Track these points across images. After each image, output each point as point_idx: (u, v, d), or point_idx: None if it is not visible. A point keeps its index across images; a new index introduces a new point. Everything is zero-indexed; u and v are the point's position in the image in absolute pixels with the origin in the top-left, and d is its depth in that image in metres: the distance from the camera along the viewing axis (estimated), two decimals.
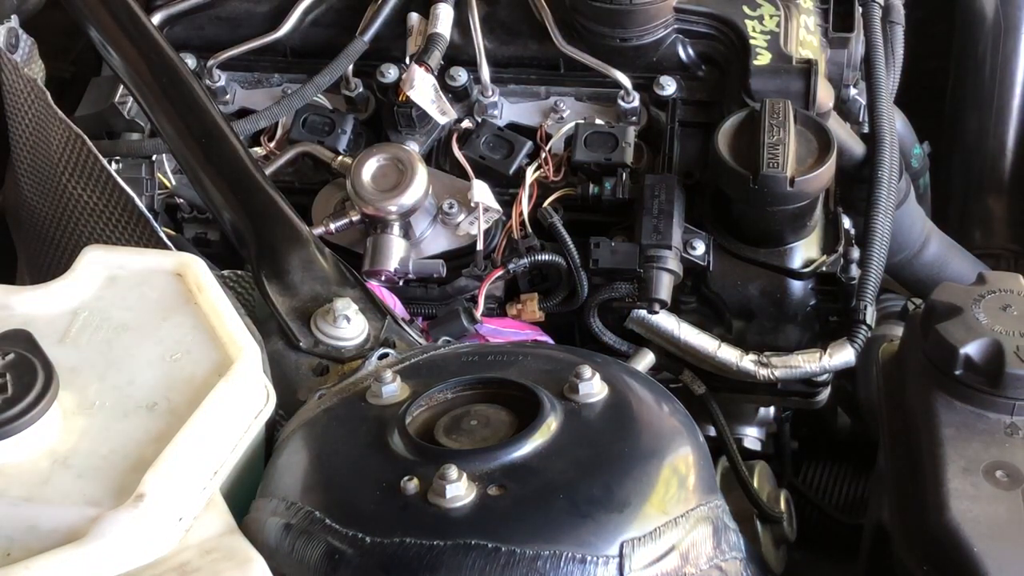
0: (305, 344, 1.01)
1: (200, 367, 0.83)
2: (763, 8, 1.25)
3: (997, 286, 0.91)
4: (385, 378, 0.87)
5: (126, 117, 1.29)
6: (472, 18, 1.28)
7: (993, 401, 0.85)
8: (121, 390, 0.82)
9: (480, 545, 0.74)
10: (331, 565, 0.76)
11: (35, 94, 1.06)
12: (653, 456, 0.81)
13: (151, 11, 1.29)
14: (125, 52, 1.10)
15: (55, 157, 1.03)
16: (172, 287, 0.90)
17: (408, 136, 1.25)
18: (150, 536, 0.75)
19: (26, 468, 0.76)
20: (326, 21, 1.31)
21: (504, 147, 1.23)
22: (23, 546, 0.74)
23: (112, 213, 1.01)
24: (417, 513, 0.76)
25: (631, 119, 1.24)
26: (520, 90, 1.29)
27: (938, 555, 0.79)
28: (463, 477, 0.76)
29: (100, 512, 0.73)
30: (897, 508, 0.85)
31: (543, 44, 1.28)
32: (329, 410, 0.88)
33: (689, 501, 0.80)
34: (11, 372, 0.76)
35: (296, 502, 0.80)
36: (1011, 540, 0.78)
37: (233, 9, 1.33)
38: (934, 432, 0.85)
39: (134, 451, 0.77)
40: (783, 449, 1.28)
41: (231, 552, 0.76)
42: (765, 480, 1.03)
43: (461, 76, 1.26)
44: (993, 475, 0.82)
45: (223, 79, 1.29)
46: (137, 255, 0.93)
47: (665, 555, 0.76)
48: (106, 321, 0.87)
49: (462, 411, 0.84)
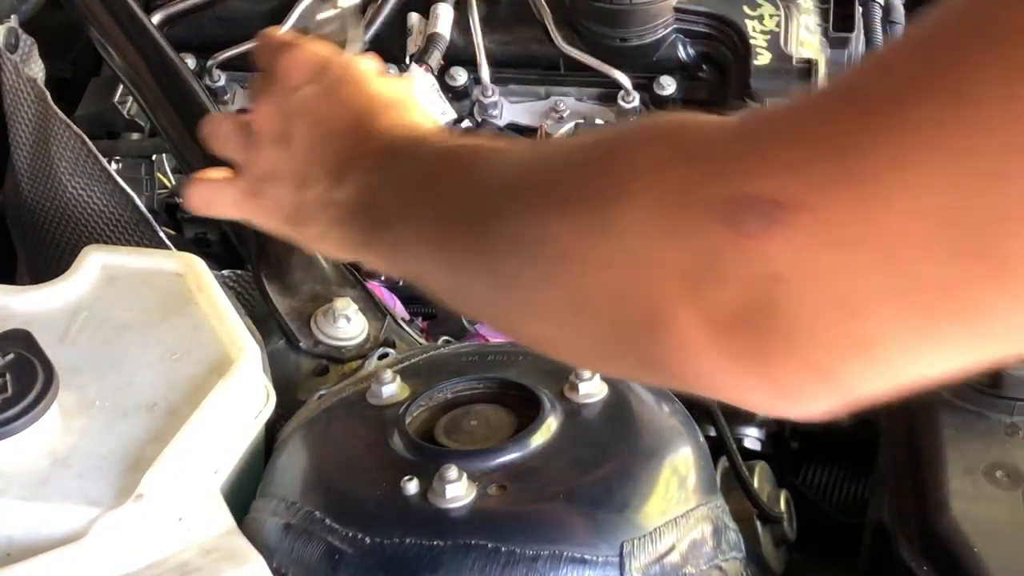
0: (305, 344, 1.01)
1: (200, 367, 0.83)
2: (763, 8, 1.25)
3: None
4: (385, 378, 0.87)
5: (126, 117, 1.29)
6: (472, 18, 1.28)
7: (993, 401, 0.85)
8: (121, 390, 0.82)
9: (480, 545, 0.74)
10: (331, 565, 0.76)
11: (35, 94, 1.06)
12: (653, 456, 0.81)
13: (151, 11, 1.29)
14: (125, 52, 1.10)
15: (55, 157, 1.03)
16: (172, 287, 0.90)
17: None
18: (150, 536, 0.75)
19: (26, 468, 0.76)
20: None
21: None
22: (23, 546, 0.73)
23: (112, 213, 1.01)
24: (417, 513, 0.76)
25: (631, 119, 1.24)
26: (520, 90, 1.29)
27: (938, 555, 0.79)
28: (463, 477, 0.76)
29: (100, 512, 0.73)
30: (897, 508, 0.85)
31: (543, 44, 1.28)
32: (329, 410, 0.88)
33: (689, 501, 0.80)
34: (11, 372, 0.76)
35: (296, 502, 0.80)
36: (1011, 540, 0.78)
37: (233, 9, 1.33)
38: (934, 432, 0.85)
39: (134, 451, 0.77)
40: (783, 449, 1.28)
41: (231, 552, 0.76)
42: (765, 480, 1.03)
43: (461, 76, 1.26)
44: (993, 475, 0.82)
45: (223, 79, 1.29)
46: (137, 255, 0.93)
47: (665, 555, 0.76)
48: (106, 321, 0.87)
49: (462, 411, 0.84)
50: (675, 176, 0.51)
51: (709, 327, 0.50)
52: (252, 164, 0.83)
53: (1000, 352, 0.47)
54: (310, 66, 0.83)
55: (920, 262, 0.44)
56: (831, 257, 0.46)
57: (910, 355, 0.48)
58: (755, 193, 0.47)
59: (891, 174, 0.43)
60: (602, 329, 0.56)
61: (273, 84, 0.83)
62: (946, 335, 0.46)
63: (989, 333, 0.46)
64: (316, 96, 0.81)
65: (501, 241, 0.61)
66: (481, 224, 0.63)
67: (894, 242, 0.44)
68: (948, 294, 0.44)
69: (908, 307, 0.46)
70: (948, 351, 0.48)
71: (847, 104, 0.46)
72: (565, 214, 0.57)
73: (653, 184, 0.52)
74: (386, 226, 0.72)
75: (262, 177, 0.82)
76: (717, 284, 0.49)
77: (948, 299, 0.45)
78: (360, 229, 0.74)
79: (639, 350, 0.55)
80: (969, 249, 0.43)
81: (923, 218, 0.43)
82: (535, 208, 0.59)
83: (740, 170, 0.48)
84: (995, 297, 0.44)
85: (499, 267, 0.63)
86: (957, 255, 0.43)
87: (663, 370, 0.55)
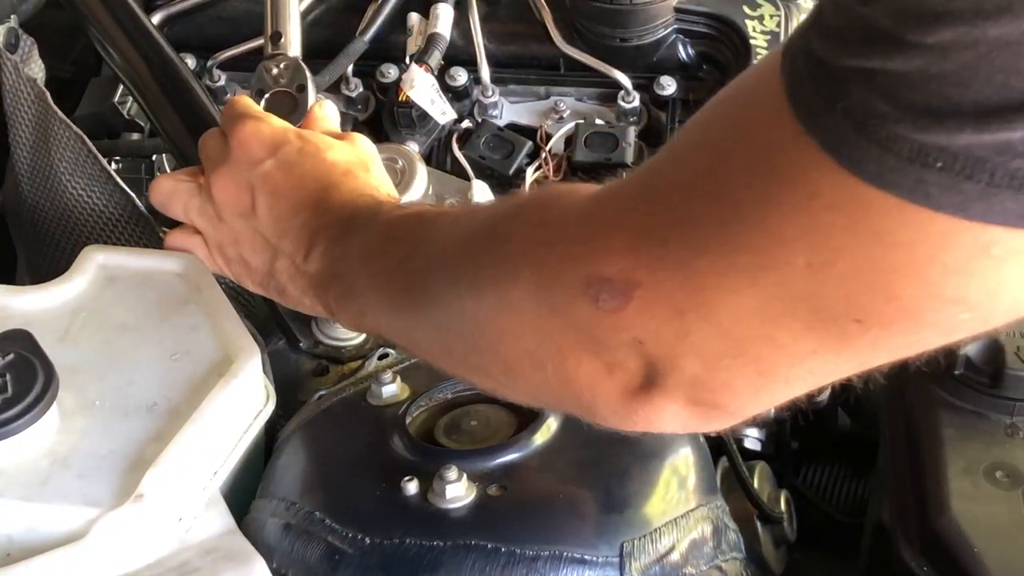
0: (305, 344, 1.01)
1: (200, 367, 0.83)
2: (763, 8, 1.25)
3: None
4: (385, 378, 0.87)
5: (126, 117, 1.29)
6: (472, 18, 1.28)
7: (993, 402, 0.85)
8: (121, 390, 0.82)
9: (480, 545, 0.74)
10: (331, 565, 0.76)
11: (35, 94, 1.06)
12: (653, 456, 0.81)
13: (151, 11, 1.29)
14: (125, 52, 1.10)
15: (55, 157, 1.03)
16: (172, 287, 0.90)
17: (408, 136, 1.25)
18: (150, 536, 0.75)
19: (26, 468, 0.76)
20: (326, 21, 1.31)
21: (504, 147, 1.23)
22: (23, 546, 0.73)
23: (112, 213, 1.01)
24: (417, 513, 0.76)
25: (631, 119, 1.24)
26: (520, 90, 1.29)
27: (938, 555, 0.79)
28: (463, 477, 0.76)
29: (100, 512, 0.73)
30: (897, 508, 0.85)
31: (543, 44, 1.28)
32: (329, 411, 0.88)
33: (689, 501, 0.80)
34: (11, 372, 0.76)
35: (296, 502, 0.80)
36: (1011, 540, 0.78)
37: (233, 9, 1.33)
38: (934, 432, 0.85)
39: (134, 451, 0.77)
40: (783, 449, 1.28)
41: (231, 552, 0.76)
42: (765, 480, 1.03)
43: (461, 76, 1.26)
44: (993, 475, 0.82)
45: (223, 79, 1.29)
46: (137, 255, 0.93)
47: (665, 555, 0.76)
48: (106, 321, 0.87)
49: (462, 411, 0.84)
50: (543, 259, 0.60)
51: (614, 384, 0.59)
52: (216, 233, 0.89)
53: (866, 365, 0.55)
54: (268, 140, 0.88)
55: (734, 323, 0.53)
56: (671, 325, 0.55)
57: (767, 393, 0.57)
58: (606, 275, 0.56)
59: (701, 257, 0.53)
60: (539, 386, 0.64)
61: (231, 156, 0.87)
62: (784, 377, 0.56)
63: (820, 369, 0.55)
64: (276, 170, 0.86)
65: (436, 313, 0.70)
66: (422, 296, 0.71)
67: (711, 310, 0.54)
68: (775, 348, 0.54)
69: (746, 362, 0.55)
70: (802, 380, 0.56)
71: (662, 198, 0.56)
72: (474, 292, 0.65)
73: (528, 267, 0.61)
74: (350, 296, 0.79)
75: (228, 244, 0.89)
76: (602, 350, 0.58)
77: (776, 352, 0.54)
78: (332, 297, 0.81)
79: (575, 403, 0.64)
80: (776, 312, 0.52)
81: (731, 289, 0.53)
82: (455, 287, 0.67)
83: (591, 255, 0.57)
84: (810, 344, 0.53)
85: (441, 336, 0.71)
86: (769, 317, 0.53)
87: (601, 419, 0.64)
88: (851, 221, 0.48)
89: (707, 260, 0.53)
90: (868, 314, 0.51)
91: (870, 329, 0.51)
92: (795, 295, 0.51)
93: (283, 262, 0.84)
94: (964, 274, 0.48)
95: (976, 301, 0.49)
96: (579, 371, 0.60)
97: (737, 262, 0.52)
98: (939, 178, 0.45)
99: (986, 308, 0.50)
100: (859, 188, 0.47)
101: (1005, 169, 0.44)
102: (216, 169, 0.88)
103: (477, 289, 0.65)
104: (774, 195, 0.50)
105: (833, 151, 0.47)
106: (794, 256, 0.50)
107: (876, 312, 0.51)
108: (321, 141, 0.89)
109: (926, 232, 0.47)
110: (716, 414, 0.59)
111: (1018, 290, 0.49)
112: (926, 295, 0.49)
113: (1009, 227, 0.46)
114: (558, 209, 0.62)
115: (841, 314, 0.51)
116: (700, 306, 0.54)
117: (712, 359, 0.56)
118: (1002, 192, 0.44)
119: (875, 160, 0.46)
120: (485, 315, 0.65)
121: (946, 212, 0.46)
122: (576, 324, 0.59)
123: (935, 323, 0.51)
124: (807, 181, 0.49)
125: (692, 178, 0.55)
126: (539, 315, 0.61)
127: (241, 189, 0.87)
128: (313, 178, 0.85)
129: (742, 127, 0.53)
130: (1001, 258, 0.47)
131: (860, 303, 0.51)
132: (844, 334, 0.52)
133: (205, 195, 0.89)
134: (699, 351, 0.55)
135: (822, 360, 0.54)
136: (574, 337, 0.59)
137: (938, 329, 0.51)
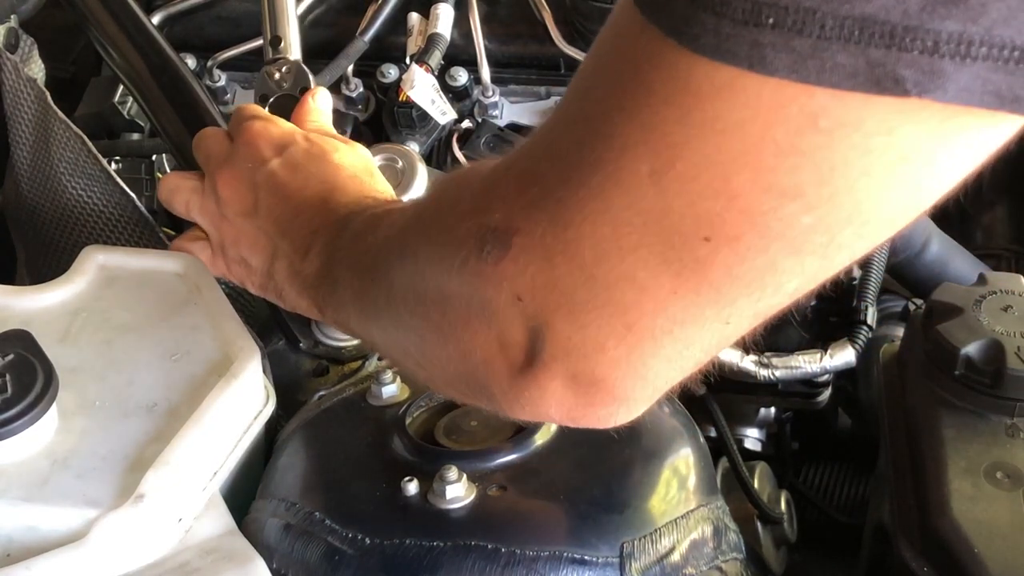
0: (305, 344, 1.01)
1: (200, 367, 0.83)
2: None
3: (998, 287, 0.91)
4: (385, 379, 0.87)
5: (126, 117, 1.29)
6: (472, 18, 1.28)
7: (994, 402, 0.85)
8: (121, 390, 0.81)
9: (480, 546, 0.74)
10: (331, 565, 0.76)
11: (35, 94, 1.06)
12: (653, 457, 0.81)
13: (151, 11, 1.29)
14: (125, 52, 1.10)
15: (55, 157, 1.03)
16: (172, 287, 0.90)
17: (408, 136, 1.25)
18: (150, 536, 0.75)
19: (26, 468, 0.76)
20: (326, 21, 1.31)
21: (504, 147, 1.23)
22: (23, 546, 0.73)
23: (112, 213, 1.01)
24: (417, 514, 0.76)
25: None
26: (520, 90, 1.29)
27: (938, 555, 0.79)
28: (463, 478, 0.76)
29: (100, 512, 0.73)
30: (897, 508, 0.85)
31: (543, 44, 1.28)
32: (329, 411, 0.88)
33: (689, 502, 0.80)
34: (11, 372, 0.76)
35: (296, 503, 0.80)
36: (1011, 540, 0.78)
37: (233, 9, 1.33)
38: (935, 432, 0.85)
39: (134, 451, 0.77)
40: (784, 450, 1.28)
41: (231, 552, 0.76)
42: (766, 481, 1.03)
43: (461, 76, 1.26)
44: (994, 476, 0.82)
45: (223, 79, 1.29)
46: (137, 255, 0.93)
47: (665, 556, 0.76)
48: (106, 321, 0.87)
49: (462, 411, 0.84)
50: (445, 218, 0.61)
51: (504, 361, 0.59)
52: (217, 232, 0.89)
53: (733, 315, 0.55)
54: (276, 139, 0.88)
55: (596, 263, 0.53)
56: (543, 275, 0.55)
57: (640, 359, 0.56)
58: (491, 224, 0.57)
59: (564, 187, 0.53)
60: (445, 365, 0.65)
61: (237, 155, 0.87)
62: (651, 331, 0.55)
63: (685, 317, 0.54)
64: (282, 170, 0.86)
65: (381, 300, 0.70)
66: (371, 285, 0.71)
67: (577, 249, 0.54)
68: (637, 290, 0.53)
69: (613, 312, 0.54)
70: (672, 337, 0.55)
71: (542, 139, 0.57)
72: (400, 264, 0.67)
73: (434, 228, 0.62)
74: (333, 293, 0.79)
75: (229, 244, 0.89)
76: (492, 316, 0.58)
77: (639, 295, 0.54)
78: (321, 296, 0.81)
79: (474, 384, 0.63)
80: (631, 243, 0.52)
81: (590, 221, 0.53)
82: (396, 264, 0.68)
83: (480, 206, 0.58)
84: (667, 280, 0.53)
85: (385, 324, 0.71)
86: (625, 249, 0.52)
87: (496, 403, 0.63)
88: (683, 111, 0.48)
89: (569, 190, 0.53)
90: (714, 227, 0.50)
91: (720, 249, 0.51)
92: (645, 216, 0.51)
93: (282, 263, 0.84)
94: (794, 153, 0.48)
95: (813, 196, 0.49)
96: (475, 343, 0.60)
97: (591, 183, 0.52)
98: (772, 37, 0.45)
99: (825, 209, 0.49)
100: (694, 67, 0.47)
101: (835, 16, 0.44)
102: (220, 167, 0.88)
103: (401, 261, 0.66)
104: (618, 99, 0.51)
105: (674, 34, 0.47)
106: (638, 164, 0.50)
107: (720, 221, 0.50)
108: (328, 144, 0.89)
109: (756, 106, 0.47)
110: (599, 395, 0.58)
111: (854, 184, 0.48)
112: (761, 187, 0.49)
113: (840, 90, 0.45)
114: (474, 173, 0.62)
115: (689, 232, 0.51)
116: (567, 246, 0.54)
117: (580, 311, 0.55)
118: (833, 45, 0.44)
119: (711, 31, 0.46)
120: (406, 288, 0.65)
121: (779, 76, 0.46)
122: (467, 282, 0.59)
123: (780, 233, 0.50)
124: (646, 73, 0.49)
125: (564, 112, 0.56)
126: (440, 278, 0.61)
127: (245, 187, 0.87)
128: (318, 180, 0.85)
129: (601, 49, 0.54)
130: (829, 131, 0.47)
131: (704, 211, 0.50)
132: (697, 262, 0.52)
133: (208, 193, 0.89)
134: (568, 302, 0.55)
135: (684, 304, 0.53)
136: (466, 300, 0.59)
137: (785, 242, 0.51)
